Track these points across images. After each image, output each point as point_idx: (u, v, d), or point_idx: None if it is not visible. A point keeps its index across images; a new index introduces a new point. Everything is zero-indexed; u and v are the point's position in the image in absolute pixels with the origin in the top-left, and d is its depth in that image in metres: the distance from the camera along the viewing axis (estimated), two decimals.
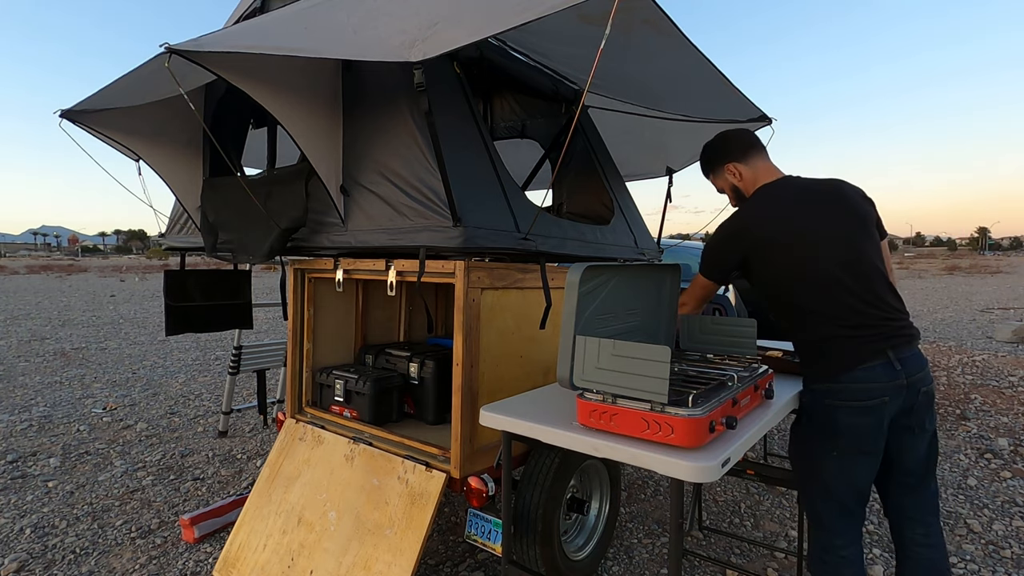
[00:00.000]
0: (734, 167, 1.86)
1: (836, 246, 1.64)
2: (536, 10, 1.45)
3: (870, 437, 1.61)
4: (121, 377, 6.15)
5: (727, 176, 1.89)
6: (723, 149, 1.90)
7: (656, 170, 3.84)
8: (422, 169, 1.98)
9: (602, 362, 1.41)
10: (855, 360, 1.60)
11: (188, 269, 3.10)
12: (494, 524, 1.98)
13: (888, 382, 1.59)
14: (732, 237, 1.76)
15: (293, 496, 2.34)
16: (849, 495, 1.66)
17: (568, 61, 2.69)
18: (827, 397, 1.64)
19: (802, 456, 1.74)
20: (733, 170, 1.87)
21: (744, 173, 1.85)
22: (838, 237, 1.65)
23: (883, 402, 1.59)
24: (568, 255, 2.46)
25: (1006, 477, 3.50)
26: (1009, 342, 8.35)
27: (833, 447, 1.64)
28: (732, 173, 1.87)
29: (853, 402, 1.60)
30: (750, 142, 1.88)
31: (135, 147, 2.62)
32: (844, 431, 1.62)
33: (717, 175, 1.94)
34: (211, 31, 1.97)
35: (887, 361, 1.59)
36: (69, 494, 3.21)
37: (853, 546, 1.68)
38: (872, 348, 1.60)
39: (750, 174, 1.84)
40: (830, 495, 1.67)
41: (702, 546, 2.70)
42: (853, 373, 1.60)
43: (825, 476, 1.67)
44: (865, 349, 1.60)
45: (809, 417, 1.70)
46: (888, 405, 1.60)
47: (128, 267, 40.65)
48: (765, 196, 1.77)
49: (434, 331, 3.52)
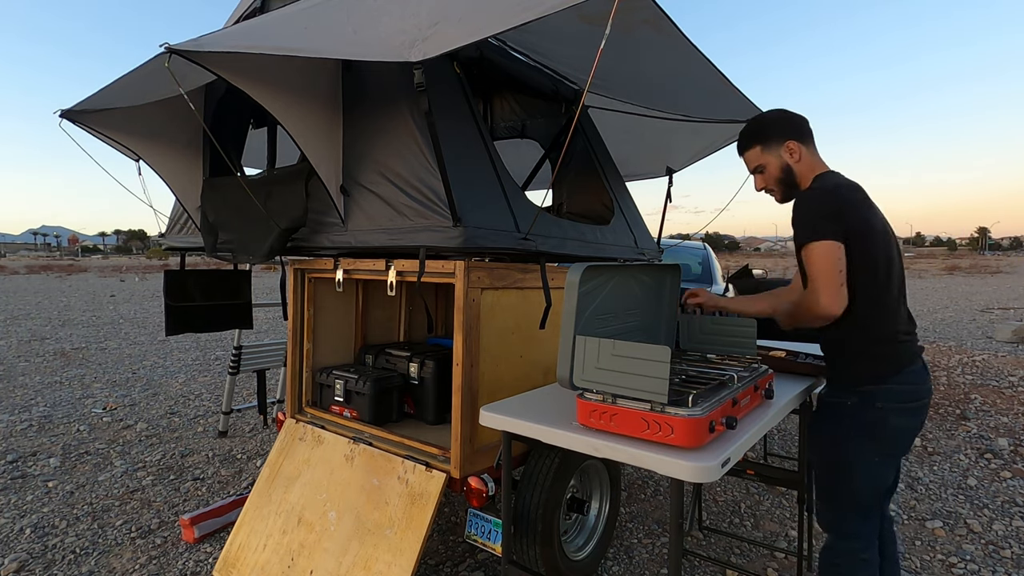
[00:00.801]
0: (796, 145, 1.71)
1: (898, 251, 1.67)
2: (536, 10, 1.45)
3: (911, 440, 1.64)
4: (121, 377, 6.15)
5: (783, 153, 1.72)
6: (787, 124, 1.74)
7: (656, 170, 3.84)
8: (422, 169, 1.98)
9: (602, 362, 1.41)
10: (905, 361, 1.62)
11: (188, 269, 3.10)
12: (494, 524, 1.98)
13: (926, 384, 1.64)
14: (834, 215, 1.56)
15: (293, 496, 2.34)
16: (875, 498, 1.67)
17: (568, 61, 2.69)
18: (878, 399, 1.60)
19: (835, 460, 1.67)
20: (794, 148, 1.71)
21: (803, 155, 1.72)
22: (896, 243, 1.68)
23: (925, 404, 1.63)
24: (568, 255, 2.46)
25: (1006, 477, 3.50)
26: (1009, 342, 8.35)
27: (877, 450, 1.61)
28: (791, 152, 1.72)
29: (905, 404, 1.60)
30: (810, 128, 1.77)
31: (135, 147, 2.62)
32: (893, 434, 1.61)
33: (769, 150, 1.74)
34: (211, 31, 1.97)
35: (924, 364, 1.65)
36: (69, 494, 3.21)
37: (872, 548, 1.68)
38: (915, 350, 1.64)
39: (808, 158, 1.73)
40: (858, 499, 1.65)
41: (702, 546, 2.70)
42: (901, 375, 1.60)
43: (859, 480, 1.63)
44: (911, 351, 1.63)
45: (853, 420, 1.63)
46: (927, 407, 1.64)
47: (128, 267, 40.64)
48: (848, 186, 1.64)
49: (434, 331, 3.52)
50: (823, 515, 1.74)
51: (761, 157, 1.77)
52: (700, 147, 3.49)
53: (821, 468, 1.73)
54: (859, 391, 1.63)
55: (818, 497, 1.75)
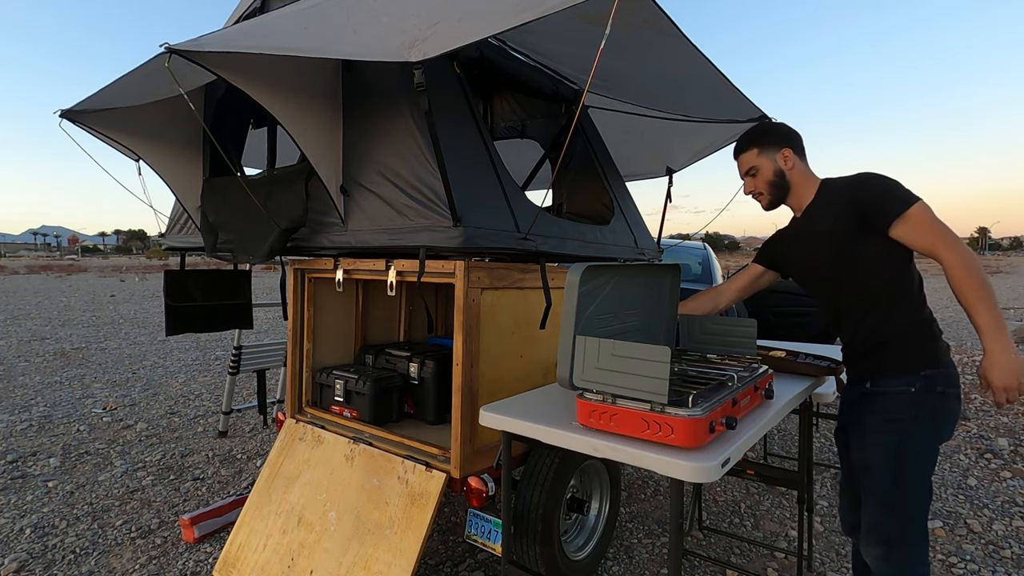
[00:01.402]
0: (791, 154, 1.81)
1: None
2: (536, 10, 1.45)
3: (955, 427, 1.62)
4: (121, 377, 6.15)
5: (778, 159, 1.81)
6: (784, 134, 1.84)
7: (656, 170, 3.84)
8: (422, 169, 1.98)
9: (602, 362, 1.41)
10: (944, 345, 1.63)
11: (188, 269, 3.10)
12: (494, 524, 1.98)
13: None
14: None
15: (293, 496, 2.34)
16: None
17: (568, 61, 2.69)
18: (938, 383, 1.56)
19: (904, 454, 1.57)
20: (789, 156, 1.81)
21: (796, 165, 1.81)
22: None
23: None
24: (568, 255, 2.46)
25: (1006, 477, 3.50)
26: (1012, 333, 8.34)
27: (938, 438, 1.56)
28: (786, 159, 1.81)
29: (956, 387, 1.59)
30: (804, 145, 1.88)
31: (135, 147, 2.62)
32: (950, 419, 1.57)
33: (767, 153, 1.83)
34: (210, 31, 1.97)
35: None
36: (69, 494, 3.21)
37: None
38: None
39: (801, 168, 1.82)
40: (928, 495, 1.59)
41: (702, 546, 2.70)
42: (948, 357, 1.60)
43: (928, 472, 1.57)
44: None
45: (921, 407, 1.57)
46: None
47: (128, 267, 40.64)
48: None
49: (434, 331, 3.52)
50: (881, 528, 1.60)
51: (756, 159, 1.84)
52: (700, 147, 3.49)
53: (881, 471, 1.61)
54: (923, 375, 1.58)
55: (877, 507, 1.62)
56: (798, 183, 1.81)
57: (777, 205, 1.87)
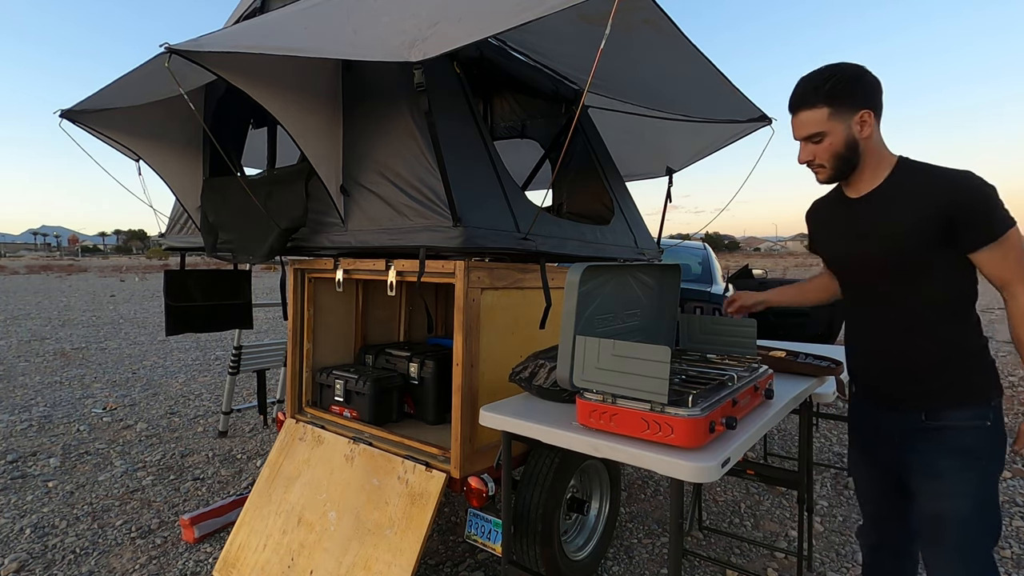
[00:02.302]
0: (871, 118, 1.40)
1: None
2: (536, 10, 1.46)
3: None
4: (121, 377, 6.15)
5: (854, 123, 1.40)
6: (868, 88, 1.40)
7: (656, 170, 3.85)
8: (422, 169, 1.98)
9: (602, 362, 1.41)
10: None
11: (188, 269, 3.10)
12: (494, 524, 1.98)
13: None
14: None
15: (293, 496, 2.34)
16: None
17: (568, 61, 2.69)
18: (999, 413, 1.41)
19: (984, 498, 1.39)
20: (868, 120, 1.40)
21: (875, 133, 1.42)
22: None
23: None
24: (568, 255, 2.46)
25: (1006, 477, 3.50)
26: (1009, 342, 8.35)
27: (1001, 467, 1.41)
28: (865, 123, 1.40)
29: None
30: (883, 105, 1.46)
31: (135, 147, 2.62)
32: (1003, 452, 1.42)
33: (841, 115, 1.39)
34: (211, 31, 1.97)
35: None
36: (69, 494, 3.21)
37: None
38: None
39: (878, 137, 1.44)
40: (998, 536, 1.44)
41: (702, 546, 2.70)
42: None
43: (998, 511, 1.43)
44: None
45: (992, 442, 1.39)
46: None
47: (128, 267, 40.65)
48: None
49: (434, 331, 3.52)
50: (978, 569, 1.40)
51: (826, 123, 1.40)
52: (700, 147, 3.49)
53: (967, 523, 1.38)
54: (992, 406, 1.40)
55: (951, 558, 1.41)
56: (870, 157, 1.43)
57: (837, 181, 1.51)
